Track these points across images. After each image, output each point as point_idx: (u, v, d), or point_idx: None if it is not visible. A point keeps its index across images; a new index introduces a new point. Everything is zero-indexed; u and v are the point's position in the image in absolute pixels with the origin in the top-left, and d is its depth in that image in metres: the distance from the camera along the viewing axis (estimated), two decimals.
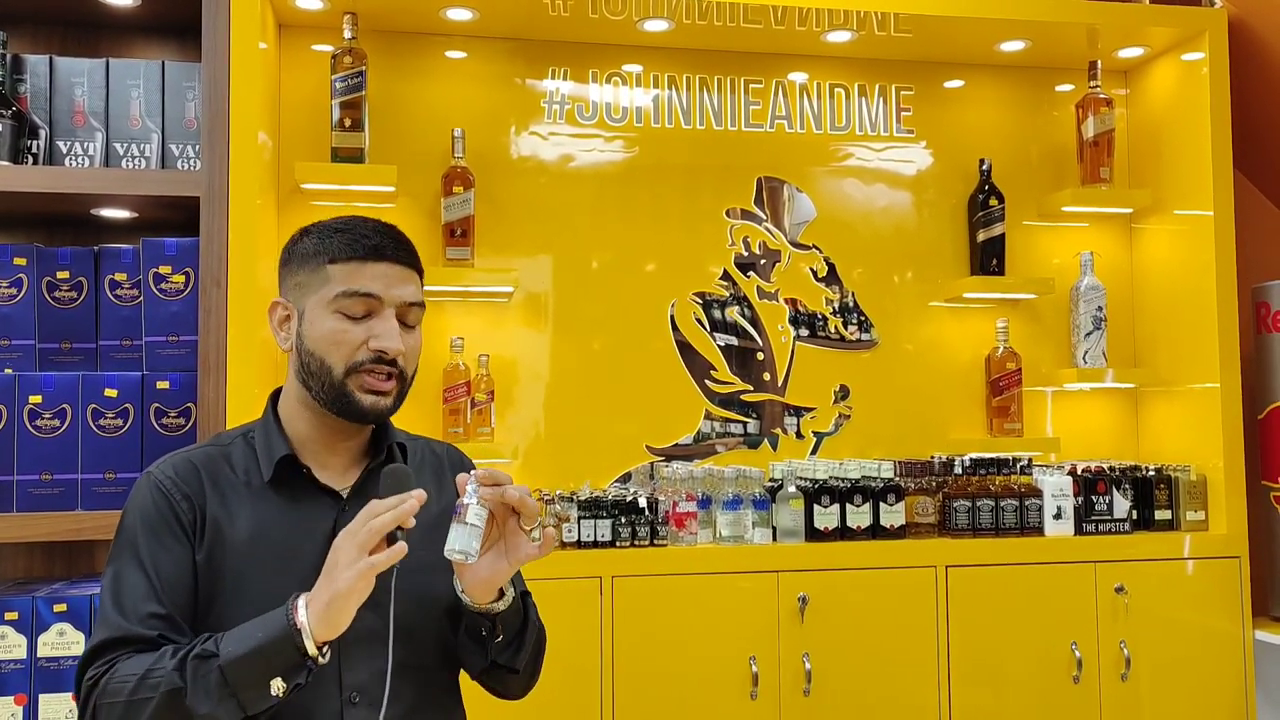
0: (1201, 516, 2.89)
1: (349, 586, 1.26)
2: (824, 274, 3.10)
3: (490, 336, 2.89)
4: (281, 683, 1.28)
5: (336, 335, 1.44)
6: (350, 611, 1.28)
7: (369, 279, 1.45)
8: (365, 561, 1.27)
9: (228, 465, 1.48)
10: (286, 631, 1.27)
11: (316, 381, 1.45)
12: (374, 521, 1.30)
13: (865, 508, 2.71)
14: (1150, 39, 3.04)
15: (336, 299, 1.45)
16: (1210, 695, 2.80)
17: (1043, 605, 2.72)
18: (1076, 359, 3.11)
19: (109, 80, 2.48)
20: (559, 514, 2.60)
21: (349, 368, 1.44)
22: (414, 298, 1.50)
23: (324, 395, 1.45)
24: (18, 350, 2.38)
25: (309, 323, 1.47)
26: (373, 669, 1.41)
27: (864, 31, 2.94)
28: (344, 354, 1.44)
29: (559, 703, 2.48)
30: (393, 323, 1.46)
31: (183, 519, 1.42)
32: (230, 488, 1.46)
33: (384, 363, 1.45)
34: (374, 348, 1.44)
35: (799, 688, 2.58)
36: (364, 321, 1.45)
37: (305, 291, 1.48)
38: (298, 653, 1.27)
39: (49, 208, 2.49)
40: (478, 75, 2.95)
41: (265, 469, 1.47)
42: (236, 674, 1.27)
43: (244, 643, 1.29)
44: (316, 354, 1.45)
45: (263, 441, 1.49)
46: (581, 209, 2.98)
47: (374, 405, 1.45)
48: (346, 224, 1.50)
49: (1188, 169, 3.01)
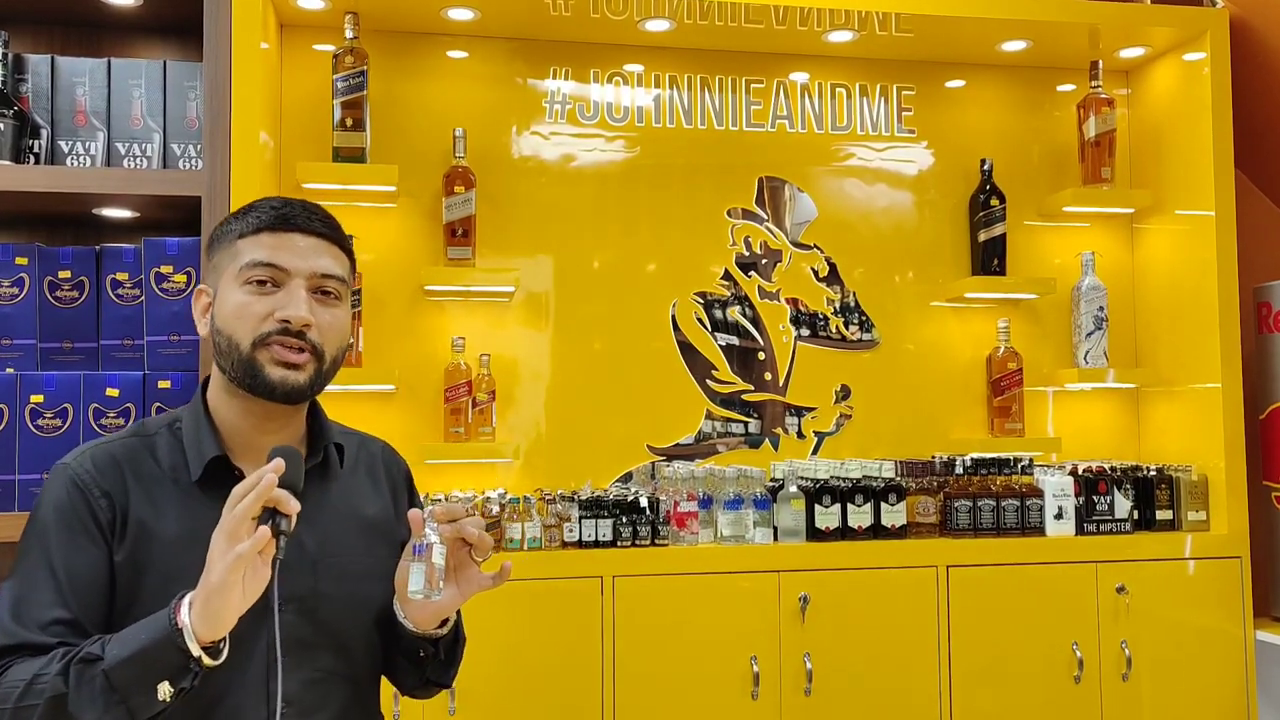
0: (1203, 517, 2.89)
1: (221, 580, 1.18)
2: (825, 274, 3.10)
3: (491, 336, 2.89)
4: (169, 687, 1.20)
5: (242, 308, 1.37)
6: (231, 607, 1.20)
7: (275, 249, 1.39)
8: (233, 552, 1.18)
9: (152, 458, 1.40)
10: (168, 632, 1.20)
11: (227, 360, 1.38)
12: (237, 509, 1.21)
13: (866, 508, 2.71)
14: (1152, 39, 3.04)
15: (242, 271, 1.38)
16: (1211, 695, 2.79)
17: (1044, 605, 2.72)
18: (1078, 359, 3.11)
19: (110, 80, 2.48)
20: (560, 513, 2.60)
21: (255, 340, 1.36)
22: (329, 269, 1.42)
23: (236, 373, 1.38)
24: (19, 350, 2.38)
25: (219, 301, 1.41)
26: (302, 678, 1.36)
27: (865, 31, 2.93)
28: (250, 326, 1.36)
29: (560, 702, 2.48)
30: (301, 293, 1.38)
31: (100, 518, 1.34)
32: (156, 483, 1.38)
33: (291, 334, 1.37)
34: (279, 317, 1.37)
35: (800, 688, 2.58)
36: (271, 294, 1.38)
37: (219, 272, 1.42)
38: (181, 654, 1.20)
39: (51, 207, 2.49)
40: (479, 75, 2.95)
41: (194, 468, 1.39)
42: (121, 678, 1.20)
43: (128, 645, 1.21)
44: (225, 330, 1.38)
45: (192, 436, 1.41)
46: (583, 209, 2.98)
47: (284, 379, 1.37)
48: (260, 201, 1.44)
49: (1189, 169, 3.01)
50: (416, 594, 1.31)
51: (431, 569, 1.31)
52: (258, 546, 1.20)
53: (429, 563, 1.31)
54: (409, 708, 2.41)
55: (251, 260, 1.38)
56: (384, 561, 1.47)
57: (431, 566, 1.31)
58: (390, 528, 1.52)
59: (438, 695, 1.64)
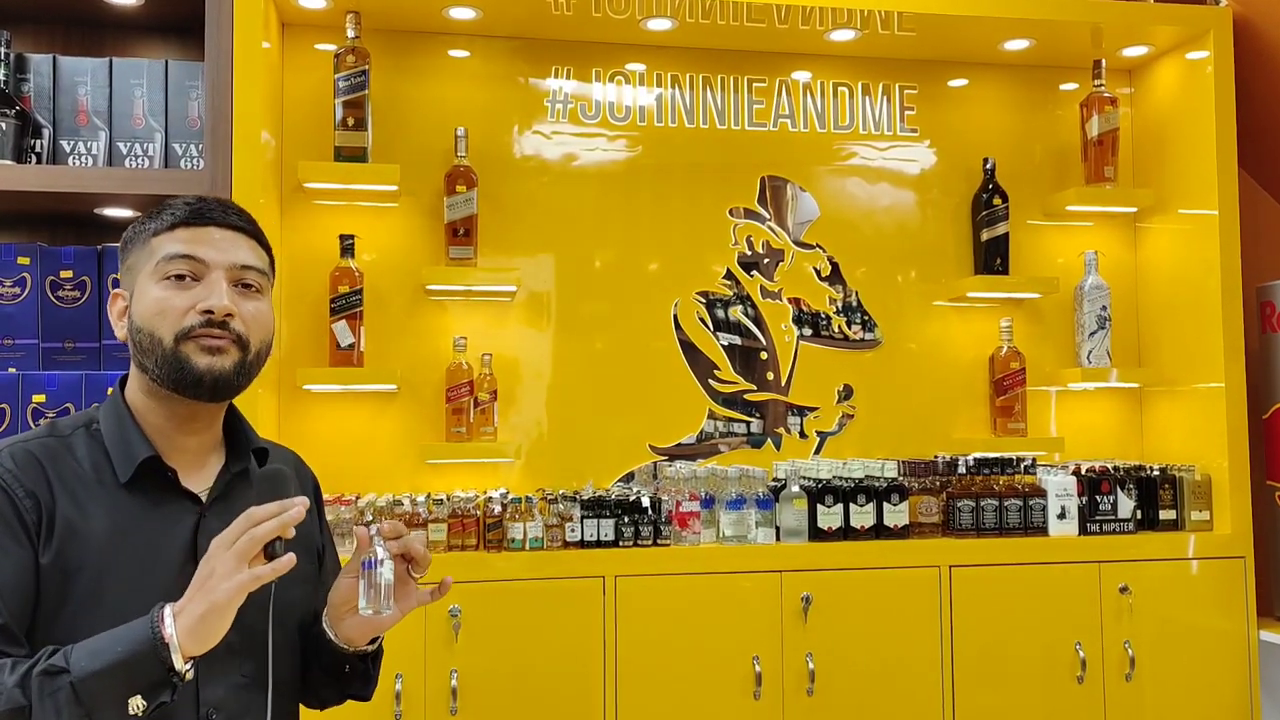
0: (1206, 516, 2.88)
1: (228, 599, 1.17)
2: (827, 273, 3.09)
3: (493, 336, 2.89)
4: (142, 701, 1.17)
5: (161, 303, 1.33)
6: (224, 626, 1.19)
7: (192, 242, 1.36)
8: (249, 574, 1.18)
9: (72, 459, 1.34)
10: (151, 645, 1.16)
11: (150, 358, 1.34)
12: (255, 530, 1.20)
13: (869, 507, 2.71)
14: (1155, 37, 3.03)
15: (159, 266, 1.35)
16: (1214, 696, 2.79)
17: (1047, 605, 2.71)
18: (1081, 358, 3.10)
19: (112, 79, 2.48)
20: (562, 513, 2.60)
21: (178, 334, 1.33)
22: (249, 260, 1.39)
23: (159, 370, 1.34)
24: (21, 349, 2.38)
25: (136, 299, 1.37)
26: (229, 684, 1.34)
27: (867, 30, 2.93)
28: (171, 320, 1.33)
29: (561, 703, 2.48)
30: (221, 284, 1.35)
31: (25, 518, 1.27)
32: (79, 484, 1.33)
33: (214, 325, 1.34)
34: (200, 308, 1.33)
35: (802, 688, 2.58)
36: (191, 288, 1.35)
37: (135, 273, 1.38)
38: (163, 668, 1.16)
39: (52, 207, 2.49)
40: (481, 74, 2.95)
41: (122, 468, 1.34)
42: (91, 691, 1.15)
43: (100, 656, 1.17)
44: (145, 328, 1.34)
45: (116, 437, 1.36)
46: (584, 208, 2.97)
47: (210, 367, 1.33)
48: (173, 199, 1.41)
49: (1192, 168, 3.01)
50: (367, 610, 1.31)
51: (382, 586, 1.31)
52: (280, 574, 1.20)
53: (380, 579, 1.30)
54: (411, 707, 2.40)
55: (168, 254, 1.35)
56: (306, 568, 1.46)
57: (382, 583, 1.31)
58: (310, 534, 1.52)
59: (439, 694, 1.64)
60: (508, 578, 2.49)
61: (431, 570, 2.49)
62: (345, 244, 2.73)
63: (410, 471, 2.81)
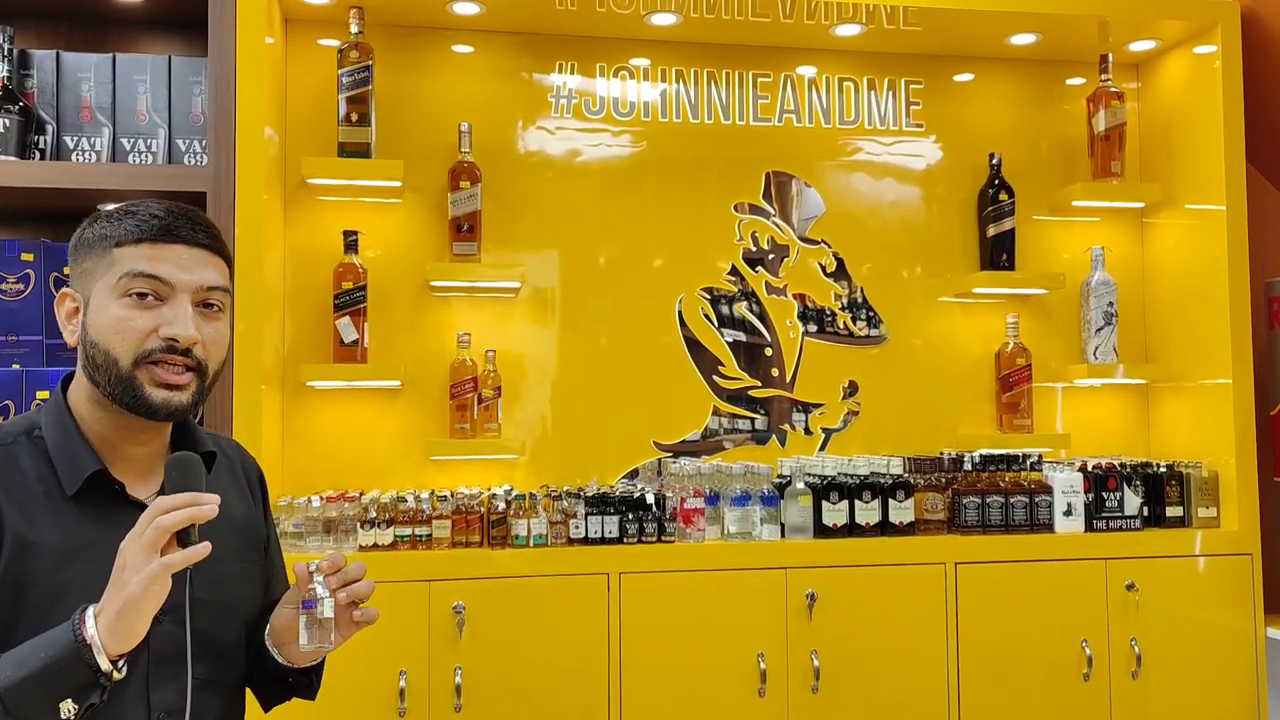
0: (1213, 513, 2.87)
1: (141, 591, 1.14)
2: (833, 269, 3.08)
3: (497, 332, 2.88)
4: (72, 704, 1.15)
5: (122, 323, 1.29)
6: (145, 620, 1.16)
7: (158, 261, 1.31)
8: (159, 562, 1.15)
9: (16, 469, 1.30)
10: (74, 647, 1.14)
11: (103, 375, 1.30)
12: (162, 519, 1.17)
13: (874, 504, 2.70)
14: (1162, 32, 3.02)
15: (121, 281, 1.30)
16: (1221, 693, 2.78)
17: (1053, 602, 2.71)
18: (1087, 355, 3.09)
19: (116, 75, 2.48)
20: (566, 510, 2.59)
21: (137, 358, 1.29)
22: (214, 281, 1.35)
23: (111, 389, 1.30)
24: (25, 345, 2.38)
25: (93, 311, 1.32)
26: (179, 687, 1.33)
27: (873, 25, 2.92)
28: (131, 342, 1.29)
29: (566, 699, 2.47)
30: (187, 309, 1.31)
31: None
32: (26, 495, 1.29)
33: (176, 352, 1.30)
34: (164, 335, 1.29)
35: (807, 684, 2.57)
36: (154, 309, 1.31)
37: (91, 279, 1.33)
38: (89, 669, 1.15)
39: (56, 203, 2.49)
40: (484, 70, 2.94)
41: (69, 481, 1.30)
42: (19, 700, 1.14)
43: (24, 665, 1.15)
44: (101, 344, 1.30)
45: (61, 446, 1.33)
46: (588, 204, 2.97)
47: (166, 401, 1.30)
48: (136, 206, 1.36)
49: (1200, 163, 2.99)
50: (309, 647, 1.33)
51: (323, 623, 1.33)
52: (191, 562, 1.18)
53: (322, 617, 1.32)
54: (415, 704, 2.40)
55: (132, 270, 1.30)
56: (252, 565, 1.47)
57: (323, 621, 1.33)
58: (256, 529, 1.51)
59: (443, 691, 1.64)
60: (512, 574, 2.49)
61: (434, 567, 2.50)
62: (349, 240, 2.72)
63: (414, 468, 2.81)
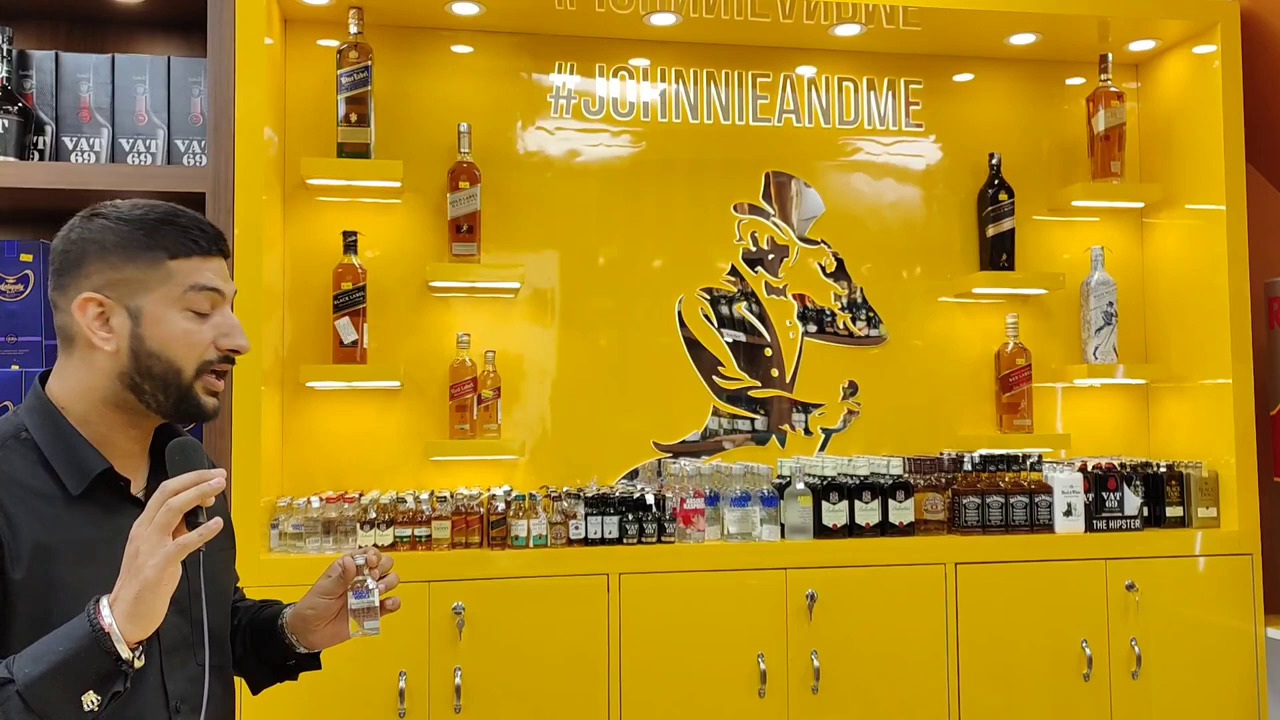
0: (1213, 513, 2.87)
1: (158, 575, 1.16)
2: (832, 269, 3.08)
3: (496, 332, 2.88)
4: (95, 696, 1.15)
5: (189, 335, 1.35)
6: (163, 603, 1.17)
7: (214, 274, 1.38)
8: (175, 544, 1.17)
9: (14, 475, 1.30)
10: (93, 638, 1.15)
11: (156, 384, 1.33)
12: (173, 501, 1.19)
13: (874, 504, 2.70)
14: (1162, 32, 3.01)
15: (187, 295, 1.35)
16: (1222, 693, 2.78)
17: (1053, 603, 2.70)
18: (1087, 355, 3.09)
19: (115, 76, 2.48)
20: (566, 511, 2.59)
21: (199, 368, 1.36)
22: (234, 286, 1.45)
23: (162, 397, 1.34)
24: (24, 346, 2.38)
25: (152, 322, 1.34)
26: (188, 675, 1.36)
27: (872, 25, 2.91)
28: (196, 354, 1.35)
29: (566, 700, 2.47)
30: (235, 319, 1.40)
31: None
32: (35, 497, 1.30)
33: (229, 361, 1.39)
34: (224, 347, 1.37)
35: (807, 685, 2.57)
36: (207, 319, 1.37)
37: (137, 288, 1.34)
38: (109, 658, 1.15)
39: (55, 204, 2.49)
40: (484, 70, 2.94)
41: (73, 482, 1.31)
42: (40, 695, 1.13)
43: (43, 660, 1.15)
44: (164, 356, 1.34)
45: (58, 448, 1.33)
46: (588, 204, 2.96)
47: (215, 407, 1.40)
48: (171, 215, 1.38)
49: (1199, 163, 2.99)
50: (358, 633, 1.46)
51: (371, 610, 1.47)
52: (206, 539, 1.20)
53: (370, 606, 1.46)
54: (415, 705, 2.40)
55: (198, 284, 1.36)
56: (230, 553, 1.54)
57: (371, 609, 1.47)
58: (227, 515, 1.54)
59: (443, 692, 1.65)
60: (511, 575, 2.49)
61: (434, 568, 2.51)
62: (348, 240, 2.72)
63: (414, 469, 2.80)
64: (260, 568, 2.37)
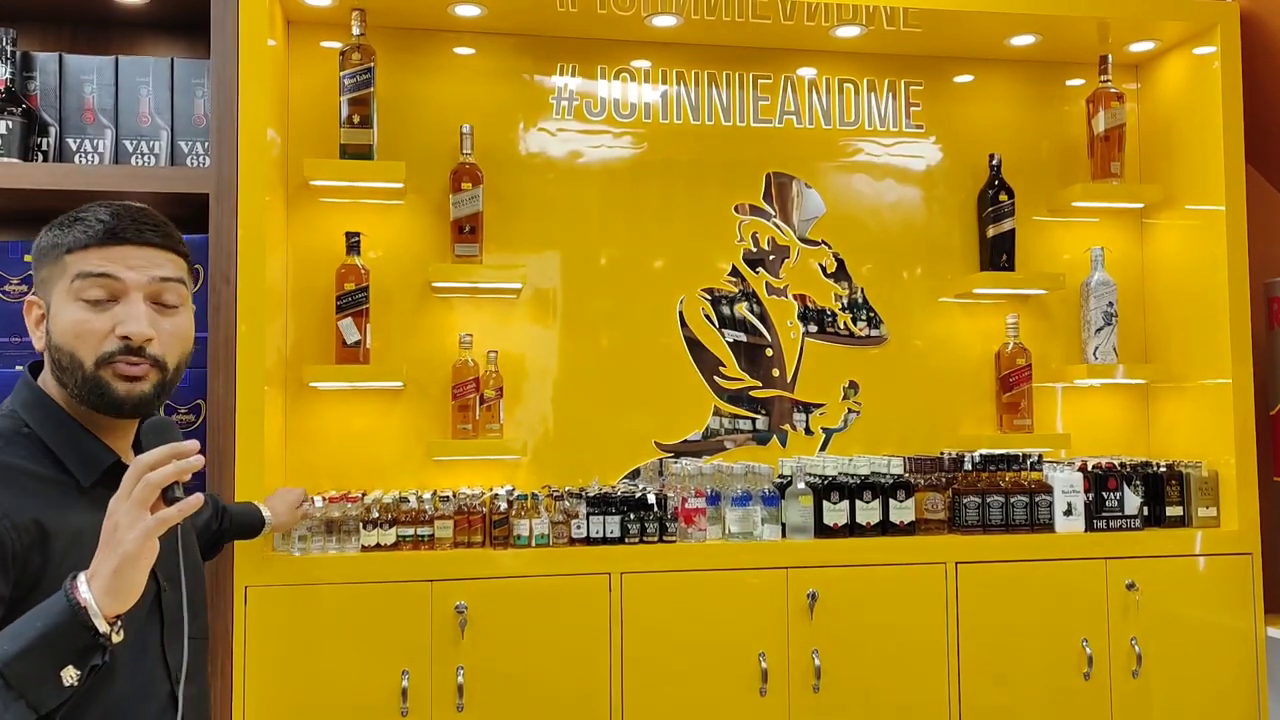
0: (1213, 513, 2.87)
1: (137, 548, 1.17)
2: (833, 270, 3.09)
3: (499, 333, 2.89)
4: (74, 670, 1.16)
5: (80, 325, 1.33)
6: (142, 577, 1.18)
7: (106, 261, 1.34)
8: (155, 518, 1.18)
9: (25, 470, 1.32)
10: (70, 613, 1.15)
11: (70, 377, 1.34)
12: (151, 476, 1.19)
13: (875, 504, 2.70)
14: (1161, 33, 3.02)
15: (74, 285, 1.33)
16: (1222, 692, 2.78)
17: (1053, 602, 2.71)
18: (1087, 355, 3.10)
19: (118, 77, 2.49)
20: (568, 510, 2.60)
21: (99, 360, 1.33)
22: (167, 273, 1.38)
23: (79, 390, 1.34)
24: (28, 347, 2.39)
25: (54, 316, 1.35)
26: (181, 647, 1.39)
27: (873, 26, 2.92)
28: (91, 345, 1.33)
29: (568, 699, 2.48)
30: (139, 306, 1.35)
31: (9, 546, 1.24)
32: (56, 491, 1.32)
33: (132, 351, 1.34)
34: (119, 334, 1.33)
35: (808, 684, 2.57)
36: (109, 309, 1.34)
37: (49, 286, 1.37)
38: (87, 633, 1.16)
39: (59, 205, 2.47)
40: (486, 71, 2.95)
41: (84, 473, 1.34)
42: (18, 673, 1.14)
43: (21, 638, 1.15)
44: (65, 348, 1.34)
45: (63, 440, 1.35)
46: (590, 205, 2.97)
47: (129, 391, 1.34)
48: (84, 212, 1.38)
49: (1199, 164, 3.00)
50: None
51: None
52: (187, 513, 1.20)
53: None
54: (418, 704, 2.41)
55: (81, 272, 1.34)
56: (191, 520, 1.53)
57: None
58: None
59: (445, 691, 1.65)
60: (514, 574, 2.49)
61: (436, 567, 2.51)
62: (351, 241, 2.73)
63: (416, 469, 2.81)
64: (263, 566, 2.38)
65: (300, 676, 2.38)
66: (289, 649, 2.38)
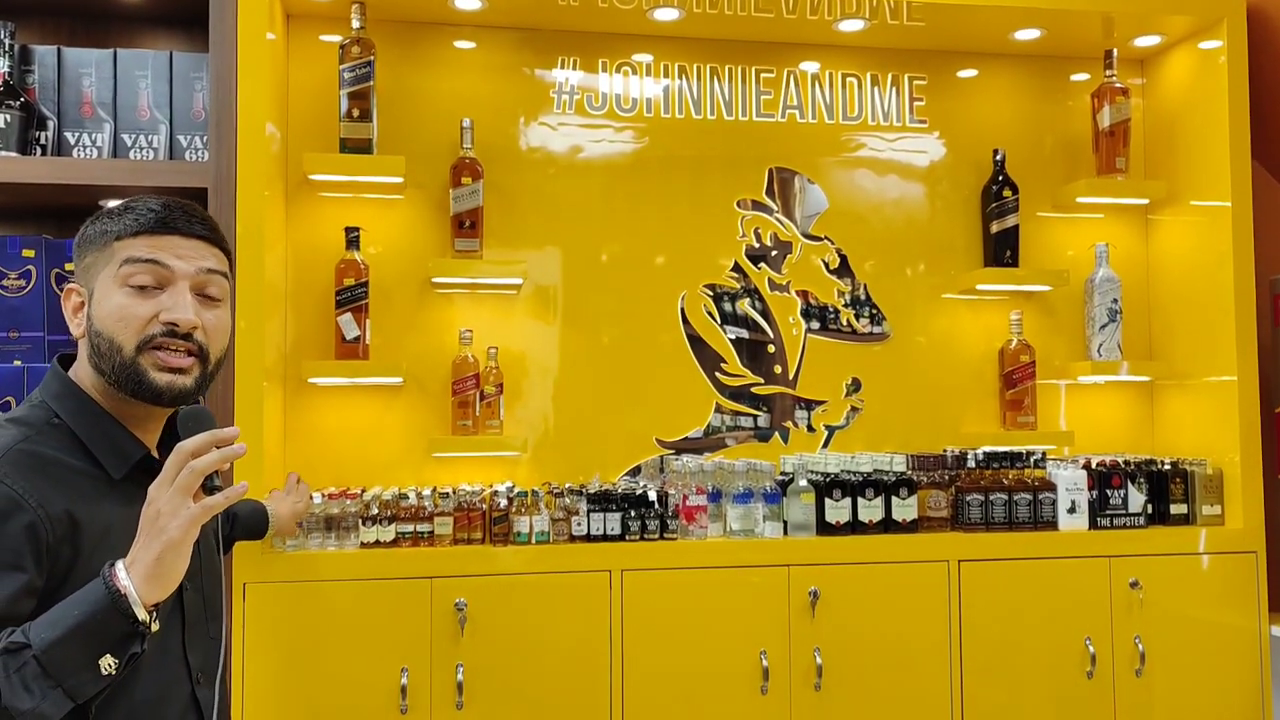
0: (1218, 511, 2.86)
1: (182, 534, 1.17)
2: (836, 266, 3.07)
3: (499, 329, 2.87)
4: (112, 659, 1.16)
5: (124, 310, 1.34)
6: (183, 564, 1.19)
7: (156, 249, 1.36)
8: (200, 506, 1.18)
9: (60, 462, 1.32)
10: (110, 600, 1.16)
11: (107, 363, 1.34)
12: (196, 464, 1.20)
13: (877, 501, 2.69)
14: (1167, 27, 3.00)
15: (122, 270, 1.35)
16: (1226, 691, 2.77)
17: (1056, 600, 2.70)
18: (1091, 352, 3.08)
19: (117, 71, 2.47)
20: (568, 507, 2.59)
21: (140, 344, 1.34)
22: (213, 265, 1.41)
23: (116, 376, 1.34)
24: (27, 342, 2.38)
25: (97, 301, 1.36)
26: (204, 647, 1.41)
27: (876, 20, 2.90)
28: (134, 329, 1.34)
29: (568, 697, 2.47)
30: (186, 295, 1.37)
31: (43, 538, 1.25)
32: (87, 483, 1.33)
33: (177, 336, 1.35)
34: (165, 320, 1.34)
35: (810, 682, 2.56)
36: (155, 297, 1.36)
37: (93, 272, 1.38)
38: (126, 620, 1.16)
39: (57, 199, 2.49)
40: (486, 65, 2.93)
41: (114, 466, 1.35)
42: (56, 660, 1.14)
43: (59, 625, 1.15)
44: (105, 333, 1.34)
45: (95, 432, 1.36)
46: (591, 200, 2.96)
47: (170, 384, 1.35)
48: (135, 202, 1.41)
49: (1204, 159, 2.98)
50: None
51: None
52: (232, 499, 1.21)
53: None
54: (417, 702, 2.40)
55: (131, 258, 1.35)
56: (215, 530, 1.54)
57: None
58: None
59: (445, 688, 1.65)
60: (514, 571, 2.48)
61: (436, 564, 2.50)
62: (350, 236, 2.72)
63: (416, 465, 2.80)
64: (262, 563, 2.37)
65: (299, 674, 2.37)
66: (288, 646, 2.37)
